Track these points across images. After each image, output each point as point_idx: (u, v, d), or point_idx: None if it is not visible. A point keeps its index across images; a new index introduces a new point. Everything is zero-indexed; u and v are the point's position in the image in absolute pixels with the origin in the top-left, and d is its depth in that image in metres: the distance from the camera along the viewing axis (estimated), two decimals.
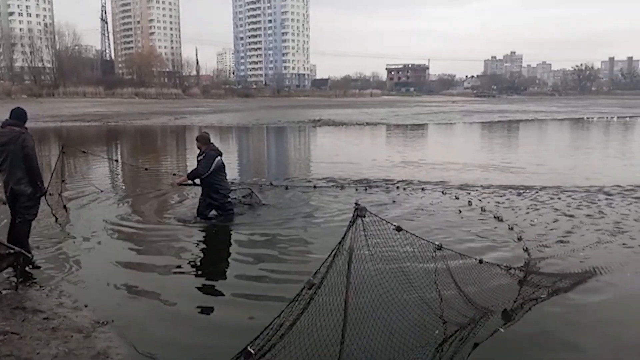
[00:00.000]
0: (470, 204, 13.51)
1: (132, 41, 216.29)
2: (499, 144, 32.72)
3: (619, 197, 14.27)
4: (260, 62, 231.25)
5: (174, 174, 17.48)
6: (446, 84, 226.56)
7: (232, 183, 13.99)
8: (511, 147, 30.73)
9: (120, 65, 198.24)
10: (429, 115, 65.75)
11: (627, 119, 56.65)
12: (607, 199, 14.03)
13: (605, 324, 6.84)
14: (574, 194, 14.75)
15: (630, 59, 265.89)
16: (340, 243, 4.98)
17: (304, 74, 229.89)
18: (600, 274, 8.39)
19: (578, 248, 9.73)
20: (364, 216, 5.06)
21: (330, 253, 5.03)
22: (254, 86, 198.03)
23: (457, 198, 14.34)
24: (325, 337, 5.10)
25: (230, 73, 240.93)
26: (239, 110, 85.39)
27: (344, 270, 4.91)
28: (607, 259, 9.08)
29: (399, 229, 5.52)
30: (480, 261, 6.86)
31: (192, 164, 12.78)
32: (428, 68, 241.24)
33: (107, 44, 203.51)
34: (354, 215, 5.01)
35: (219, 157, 11.10)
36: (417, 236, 5.90)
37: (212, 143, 11.46)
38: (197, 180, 11.30)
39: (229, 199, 11.68)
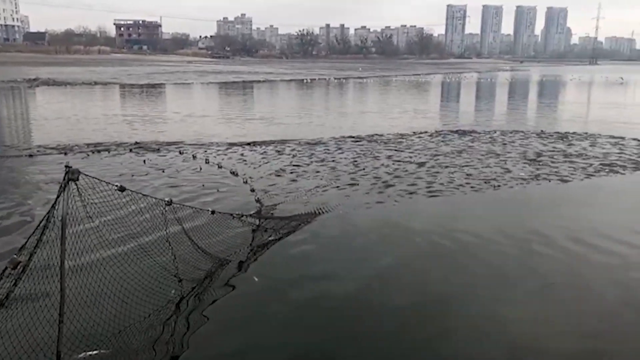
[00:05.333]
0: (208, 162, 13.64)
1: None
2: (234, 102, 33.76)
3: (334, 146, 16.30)
4: None
5: None
6: (180, 43, 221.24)
7: None
8: (246, 105, 32.02)
9: None
10: (165, 75, 63.65)
11: (343, 80, 64.73)
12: (324, 149, 15.88)
13: (333, 253, 7.79)
14: (297, 146, 16.26)
15: (342, 26, 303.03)
16: (49, 212, 4.38)
17: (13, 26, 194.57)
18: (321, 214, 9.49)
19: (302, 193, 10.81)
20: (77, 179, 4.53)
21: (39, 224, 4.40)
22: None
23: (194, 157, 14.30)
24: (43, 320, 4.50)
25: None
26: None
27: (58, 241, 4.36)
28: (325, 200, 10.32)
29: (122, 189, 5.15)
30: (213, 212, 6.98)
31: None
32: (160, 26, 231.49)
33: None
34: (64, 178, 4.45)
35: None
36: (144, 195, 5.62)
37: None
38: None
39: None
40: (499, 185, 11.68)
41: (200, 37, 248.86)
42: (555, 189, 11.68)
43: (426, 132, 19.49)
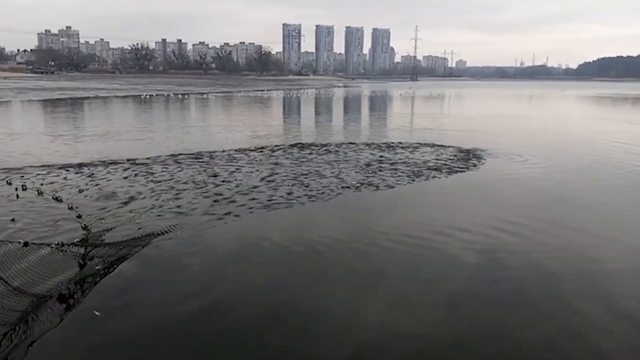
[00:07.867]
0: (25, 188, 12.18)
1: None
2: (60, 121, 30.68)
3: (173, 165, 15.71)
4: None
5: None
6: None
7: None
8: (74, 124, 29.26)
9: None
10: None
11: (184, 96, 62.96)
12: (162, 167, 15.21)
13: (174, 275, 7.44)
14: (132, 165, 15.33)
15: (179, 41, 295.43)
16: None
17: None
18: (159, 235, 9.03)
19: (136, 216, 10.19)
20: None
21: None
22: None
23: (9, 183, 12.67)
24: None
25: None
26: None
27: None
28: (163, 221, 9.87)
29: None
30: (26, 244, 6.22)
31: None
32: None
33: None
34: None
35: None
36: None
37: None
38: None
39: None
40: (333, 195, 12.31)
41: (18, 50, 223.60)
42: (384, 194, 12.67)
43: (267, 146, 19.80)
